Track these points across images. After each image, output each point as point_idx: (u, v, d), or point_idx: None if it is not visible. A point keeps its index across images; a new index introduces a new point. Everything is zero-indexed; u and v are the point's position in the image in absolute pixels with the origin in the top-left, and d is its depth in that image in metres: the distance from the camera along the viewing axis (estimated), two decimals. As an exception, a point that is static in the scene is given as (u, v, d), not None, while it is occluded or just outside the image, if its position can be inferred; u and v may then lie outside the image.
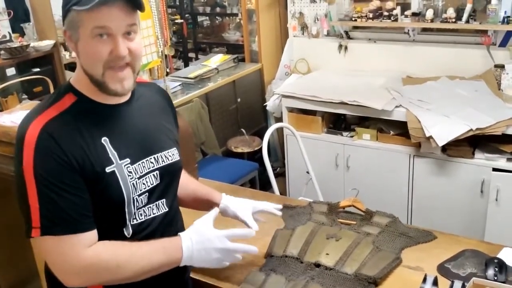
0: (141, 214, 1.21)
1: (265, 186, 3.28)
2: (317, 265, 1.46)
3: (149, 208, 1.23)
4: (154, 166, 1.21)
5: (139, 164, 1.18)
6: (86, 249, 1.08)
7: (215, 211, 1.31)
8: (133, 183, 1.15)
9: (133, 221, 1.19)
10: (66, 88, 1.15)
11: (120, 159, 1.14)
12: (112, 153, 1.13)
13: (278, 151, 4.04)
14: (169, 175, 1.27)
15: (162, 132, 1.28)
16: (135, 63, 1.13)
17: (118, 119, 1.17)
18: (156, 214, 1.25)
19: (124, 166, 1.14)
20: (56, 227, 1.05)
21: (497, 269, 1.36)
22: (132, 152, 1.17)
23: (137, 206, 1.18)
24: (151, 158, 1.21)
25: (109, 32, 1.07)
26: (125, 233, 1.18)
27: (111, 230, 1.16)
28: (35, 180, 1.04)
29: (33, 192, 1.05)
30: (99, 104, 1.15)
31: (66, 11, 1.07)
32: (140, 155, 1.19)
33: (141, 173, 1.18)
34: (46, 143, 1.05)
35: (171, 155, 1.27)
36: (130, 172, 1.15)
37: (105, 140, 1.13)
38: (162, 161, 1.24)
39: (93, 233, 1.11)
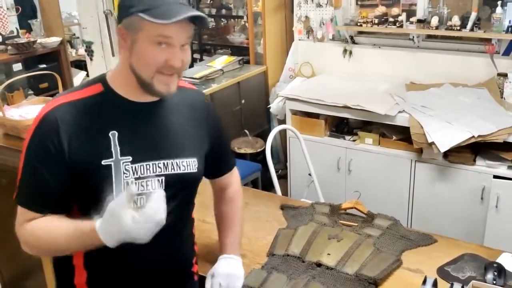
0: None
1: (267, 187, 3.29)
2: (319, 264, 1.49)
3: None
4: (160, 172, 1.16)
5: (142, 165, 1.14)
6: (26, 223, 1.13)
7: (132, 187, 1.02)
8: (127, 182, 1.12)
9: None
10: (97, 79, 1.19)
11: (122, 155, 1.12)
12: (115, 147, 1.12)
13: (280, 153, 4.06)
14: (177, 185, 1.19)
15: (186, 139, 1.23)
16: (182, 71, 1.15)
17: (137, 116, 1.16)
18: None
19: (123, 163, 1.12)
20: (22, 198, 1.14)
21: (496, 274, 1.38)
22: (137, 151, 1.14)
23: None
24: (159, 163, 1.16)
25: (170, 42, 1.08)
26: None
27: None
28: (25, 153, 1.13)
29: (21, 162, 1.14)
30: (123, 99, 1.15)
31: (129, 13, 1.06)
32: (146, 156, 1.15)
33: (141, 174, 1.14)
34: (47, 125, 1.10)
35: (186, 165, 1.20)
36: (127, 171, 1.12)
37: (112, 134, 1.13)
38: (172, 169, 1.18)
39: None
